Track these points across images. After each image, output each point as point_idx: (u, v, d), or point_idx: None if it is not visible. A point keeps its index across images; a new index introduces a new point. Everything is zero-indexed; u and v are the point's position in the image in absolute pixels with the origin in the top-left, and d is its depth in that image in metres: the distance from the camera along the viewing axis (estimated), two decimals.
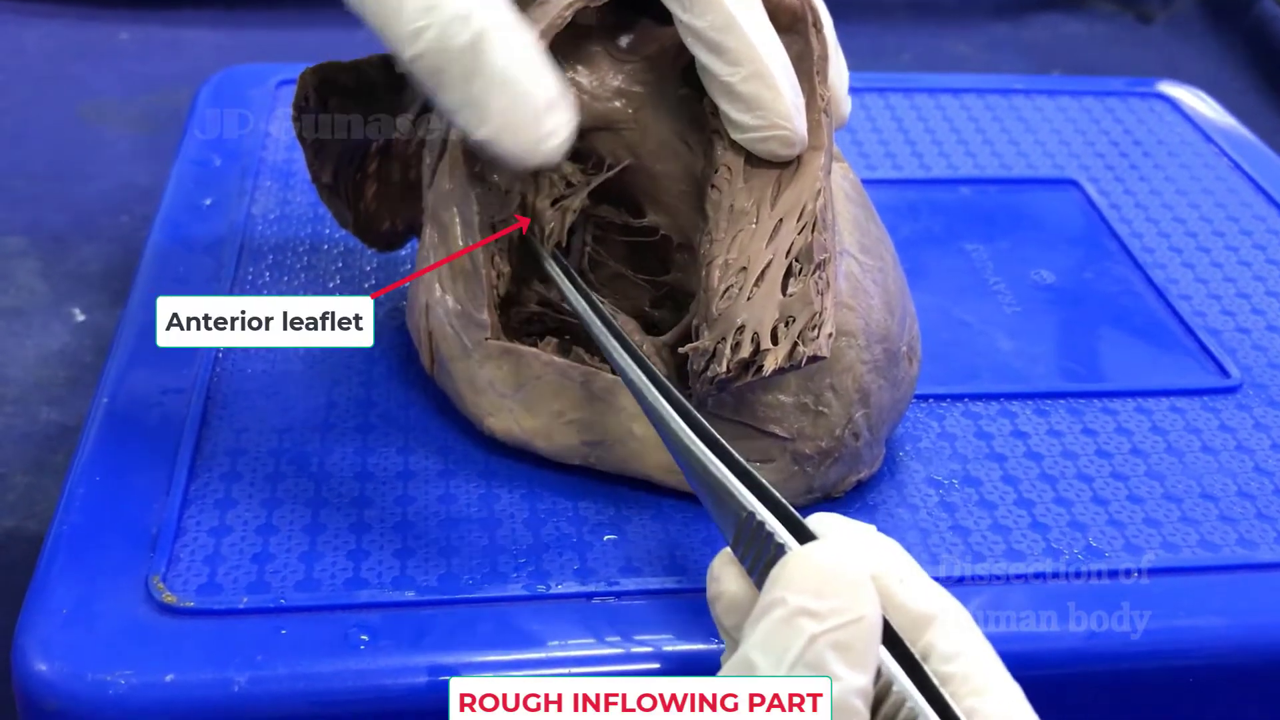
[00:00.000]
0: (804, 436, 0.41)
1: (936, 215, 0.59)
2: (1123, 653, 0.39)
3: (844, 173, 0.44)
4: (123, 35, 0.90)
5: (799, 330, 0.37)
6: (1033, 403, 0.48)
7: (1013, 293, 0.55)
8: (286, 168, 0.59)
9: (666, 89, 0.44)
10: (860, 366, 0.41)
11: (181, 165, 0.59)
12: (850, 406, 0.41)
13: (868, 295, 0.41)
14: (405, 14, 0.35)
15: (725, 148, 0.41)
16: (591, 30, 0.43)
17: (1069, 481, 0.44)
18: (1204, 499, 0.44)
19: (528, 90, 0.36)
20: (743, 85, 0.39)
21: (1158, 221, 0.60)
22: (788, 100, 0.39)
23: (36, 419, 0.57)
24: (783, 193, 0.40)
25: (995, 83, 0.71)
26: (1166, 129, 0.68)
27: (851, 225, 0.42)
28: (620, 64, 0.44)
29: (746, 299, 0.38)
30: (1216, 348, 0.51)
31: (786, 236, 0.39)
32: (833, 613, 0.28)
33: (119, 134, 0.79)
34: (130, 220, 0.70)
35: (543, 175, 0.44)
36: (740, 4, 0.39)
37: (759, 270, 0.39)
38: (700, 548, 0.40)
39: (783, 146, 0.40)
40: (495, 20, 0.35)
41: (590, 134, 0.44)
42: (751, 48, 0.38)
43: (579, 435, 0.42)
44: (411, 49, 0.35)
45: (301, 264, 0.53)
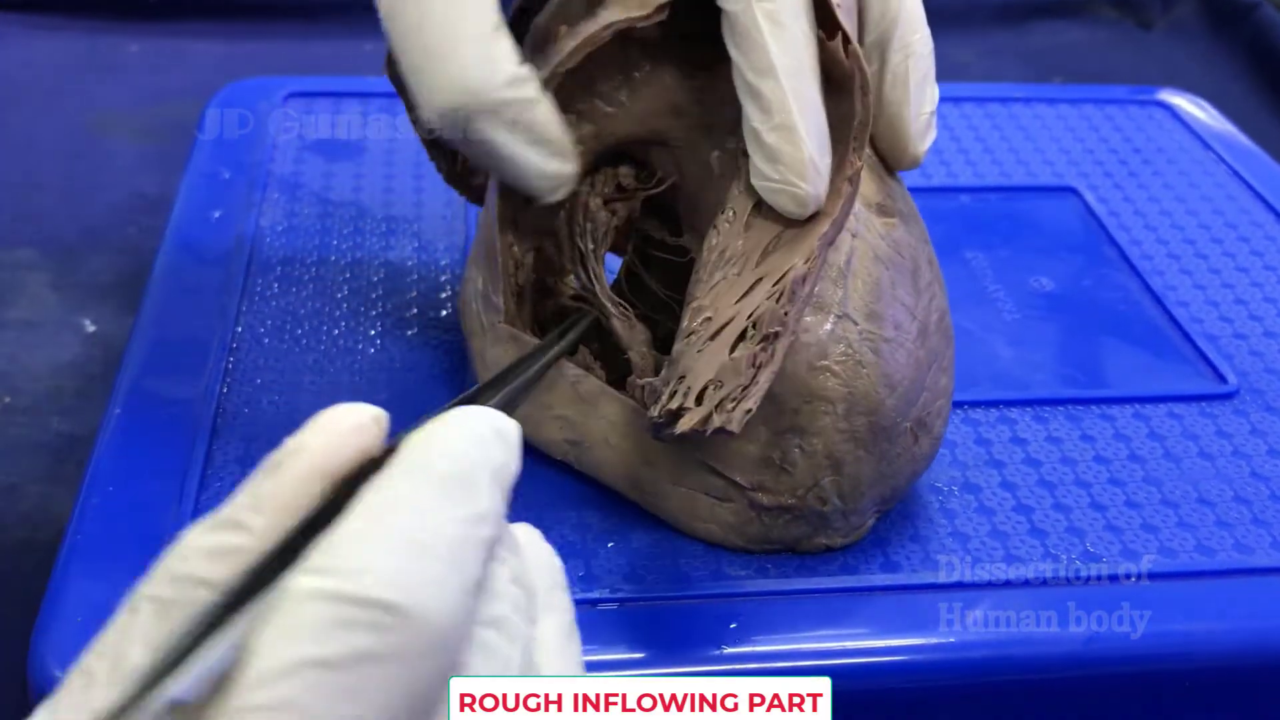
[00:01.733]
0: (764, 489, 0.40)
1: (937, 223, 0.59)
2: (1122, 656, 0.39)
3: (885, 231, 0.41)
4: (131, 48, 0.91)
5: (720, 398, 0.35)
6: (1031, 409, 0.48)
7: (1012, 300, 0.55)
8: (294, 180, 0.60)
9: (722, 113, 0.42)
10: (835, 434, 0.39)
11: (191, 178, 0.60)
12: (818, 471, 0.39)
13: (860, 365, 0.39)
14: (437, 89, 0.38)
15: (740, 190, 0.40)
16: (660, 41, 0.42)
17: (1067, 487, 0.45)
18: (1201, 504, 0.44)
19: (536, 159, 0.40)
20: (769, 134, 0.38)
21: (1156, 229, 0.60)
22: (809, 159, 0.37)
23: (48, 429, 0.58)
24: (776, 250, 0.38)
25: (995, 91, 0.72)
26: (1165, 137, 0.68)
27: (868, 289, 0.40)
28: (683, 79, 0.43)
29: (698, 350, 0.37)
30: (1214, 354, 0.52)
31: (757, 297, 0.37)
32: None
33: (127, 146, 0.80)
34: (139, 231, 0.71)
35: (598, 173, 0.45)
36: (788, 51, 0.37)
37: (720, 324, 0.37)
38: (703, 554, 0.41)
39: (793, 204, 0.38)
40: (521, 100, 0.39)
41: (648, 146, 0.44)
42: (785, 98, 0.37)
43: (562, 432, 0.43)
44: (438, 120, 0.39)
45: (310, 275, 0.54)
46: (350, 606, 0.23)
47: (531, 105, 0.39)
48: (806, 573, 0.41)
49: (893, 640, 0.39)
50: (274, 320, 0.51)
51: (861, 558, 0.41)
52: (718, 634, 0.38)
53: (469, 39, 0.38)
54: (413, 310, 0.52)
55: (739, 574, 0.40)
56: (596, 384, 0.42)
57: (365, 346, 0.50)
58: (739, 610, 0.39)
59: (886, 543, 0.42)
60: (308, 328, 0.51)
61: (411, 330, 0.51)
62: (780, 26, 0.37)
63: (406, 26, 0.39)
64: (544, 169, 0.41)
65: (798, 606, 0.40)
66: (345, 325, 0.51)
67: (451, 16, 0.38)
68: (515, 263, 0.45)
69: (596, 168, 0.45)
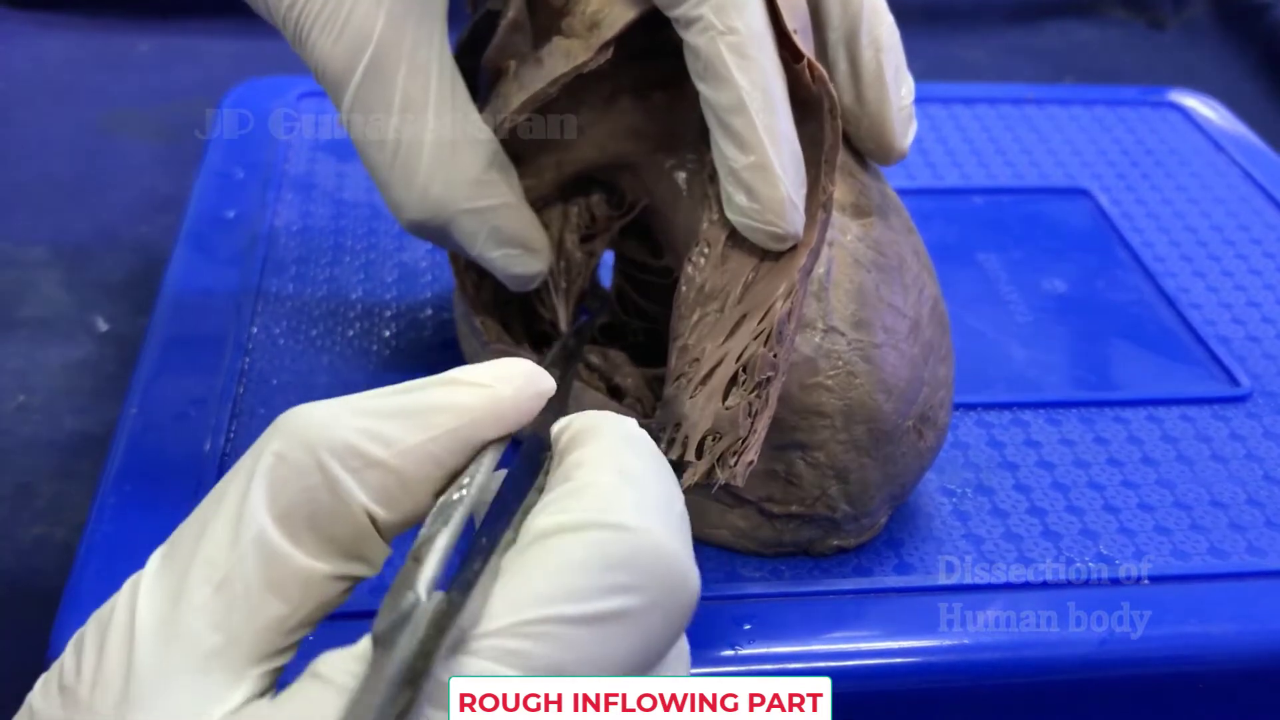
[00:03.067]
0: (773, 501, 0.39)
1: (950, 225, 0.60)
2: (1136, 659, 0.39)
3: (863, 233, 0.40)
4: (142, 46, 0.91)
5: (720, 451, 0.34)
6: (1045, 412, 0.48)
7: (1025, 302, 0.55)
8: (307, 179, 0.60)
9: (683, 131, 0.42)
10: (836, 446, 0.38)
11: (204, 177, 0.60)
12: (824, 481, 0.39)
13: (852, 376, 0.38)
14: (402, 206, 0.41)
15: (712, 221, 0.39)
16: (612, 69, 0.41)
17: (1081, 490, 0.45)
18: (1214, 507, 0.44)
19: (504, 261, 0.42)
20: (745, 173, 0.36)
21: (1169, 230, 0.60)
22: (786, 197, 0.36)
23: (61, 428, 0.58)
24: (757, 282, 0.37)
25: (1007, 92, 0.72)
26: (1178, 138, 0.68)
27: (851, 297, 0.38)
28: (641, 102, 0.42)
29: (690, 395, 0.36)
30: (1227, 356, 0.52)
31: (743, 338, 0.36)
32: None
33: (139, 144, 0.80)
34: (151, 230, 0.71)
35: (569, 204, 0.45)
36: (756, 85, 0.36)
37: (709, 367, 0.36)
38: (716, 556, 0.41)
39: (772, 240, 0.37)
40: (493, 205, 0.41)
41: (615, 170, 0.44)
42: (758, 136, 0.36)
43: None
44: (409, 229, 0.42)
45: (324, 276, 0.54)
46: (632, 544, 0.25)
47: (496, 212, 0.40)
48: (820, 575, 0.41)
49: (908, 642, 0.39)
50: (289, 320, 0.51)
51: (875, 559, 0.41)
52: (732, 636, 0.38)
53: (429, 149, 0.39)
54: (426, 311, 0.52)
55: (752, 575, 0.40)
56: (599, 398, 0.42)
57: (380, 348, 0.50)
58: (753, 612, 0.39)
59: (900, 544, 0.42)
60: (323, 328, 0.51)
61: (426, 331, 0.51)
62: (746, 59, 0.36)
63: (369, 143, 0.40)
64: (511, 270, 0.42)
65: (812, 608, 0.40)
66: (360, 326, 0.51)
67: (410, 127, 0.39)
68: (475, 285, 0.45)
69: (567, 197, 0.45)
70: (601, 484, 0.27)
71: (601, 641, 0.25)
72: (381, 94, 0.39)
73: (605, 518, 0.26)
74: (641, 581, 0.25)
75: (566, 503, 0.26)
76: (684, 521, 0.27)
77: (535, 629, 0.24)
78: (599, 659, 0.25)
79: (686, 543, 0.27)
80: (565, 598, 0.25)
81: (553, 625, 0.24)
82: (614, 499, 0.26)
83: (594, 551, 0.25)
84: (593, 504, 0.26)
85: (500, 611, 0.24)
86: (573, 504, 0.26)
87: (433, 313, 0.52)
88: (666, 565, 0.26)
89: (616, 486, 0.26)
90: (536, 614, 0.24)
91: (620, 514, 0.26)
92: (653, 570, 0.25)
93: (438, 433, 0.28)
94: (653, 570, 0.25)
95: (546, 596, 0.25)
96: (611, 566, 0.25)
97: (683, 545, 0.26)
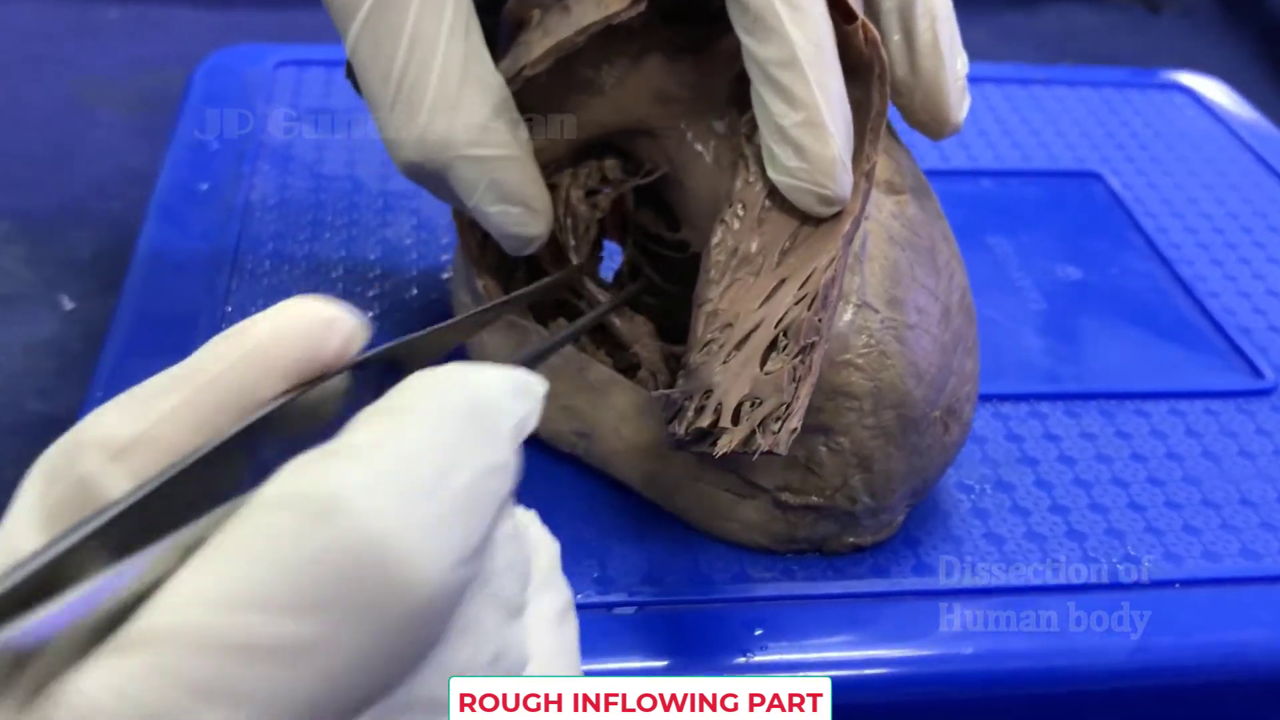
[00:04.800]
0: (791, 490, 0.37)
1: (958, 207, 0.57)
2: (1170, 666, 0.37)
3: (898, 210, 0.38)
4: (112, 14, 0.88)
5: (761, 417, 0.32)
6: (1063, 404, 0.46)
7: (1038, 289, 0.53)
8: (285, 152, 0.57)
9: (712, 97, 0.40)
10: (862, 431, 0.36)
11: (176, 149, 0.57)
12: (846, 470, 0.37)
13: (884, 356, 0.36)
14: (400, 144, 0.37)
15: (749, 180, 0.37)
16: (641, 28, 0.39)
17: (1104, 486, 0.43)
18: (1244, 505, 0.42)
19: (501, 219, 0.39)
20: (795, 130, 0.35)
21: (1183, 216, 0.58)
22: (837, 156, 0.35)
23: (24, 410, 0.55)
24: (795, 249, 0.36)
25: (1013, 73, 0.70)
26: (1187, 121, 0.66)
27: (885, 273, 0.37)
28: (668, 63, 0.40)
29: (723, 361, 0.34)
30: (1249, 348, 0.50)
31: (782, 302, 0.34)
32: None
33: (110, 115, 0.77)
34: (122, 204, 0.68)
35: (580, 166, 0.42)
36: (809, 39, 0.35)
37: (744, 332, 0.34)
38: (725, 555, 0.39)
39: (818, 203, 0.36)
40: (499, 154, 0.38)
41: (633, 136, 0.42)
42: (811, 92, 0.34)
43: (569, 423, 0.40)
44: (404, 171, 0.38)
45: (303, 252, 0.51)
46: (326, 537, 0.19)
47: (498, 163, 0.37)
48: (835, 575, 0.38)
49: (927, 649, 0.37)
50: (265, 299, 0.48)
51: (893, 559, 0.39)
52: (742, 641, 0.36)
53: (435, 86, 0.36)
54: (412, 291, 0.49)
55: (763, 576, 0.38)
56: (606, 372, 0.39)
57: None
58: (764, 615, 0.37)
59: (918, 543, 0.40)
60: None
61: (412, 311, 0.48)
62: (800, 11, 0.34)
63: (373, 76, 0.37)
64: (507, 229, 0.39)
65: (826, 612, 0.37)
66: None
67: (417, 61, 0.36)
68: (479, 245, 0.42)
69: (580, 160, 0.42)
70: (344, 449, 0.20)
71: (284, 664, 0.19)
72: (392, 23, 0.36)
73: (313, 493, 0.19)
74: (333, 592, 0.19)
75: (301, 467, 0.20)
76: (456, 503, 0.21)
77: (193, 641, 0.19)
78: (278, 687, 0.19)
79: (440, 531, 0.20)
80: (240, 603, 0.19)
81: (214, 643, 0.19)
82: (344, 469, 0.20)
83: (285, 542, 0.19)
84: (315, 475, 0.20)
85: (164, 605, 0.19)
86: (300, 471, 0.20)
87: (419, 292, 0.49)
88: (375, 567, 0.19)
89: (365, 455, 0.20)
90: (200, 620, 0.19)
91: (337, 489, 0.19)
92: (354, 574, 0.19)
93: (188, 392, 0.23)
94: (354, 574, 0.19)
95: (214, 597, 0.19)
96: (304, 563, 0.19)
97: (425, 535, 0.20)
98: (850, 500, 0.37)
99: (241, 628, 0.19)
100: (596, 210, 0.42)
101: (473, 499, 0.21)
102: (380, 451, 0.20)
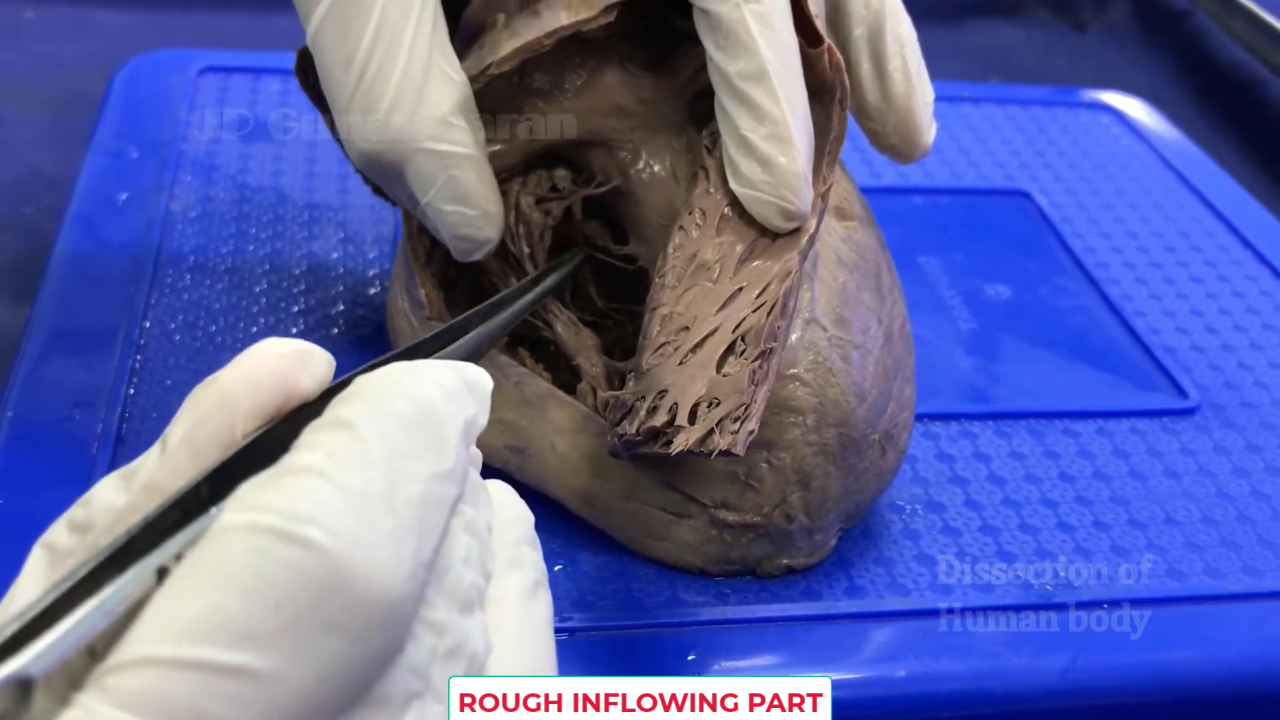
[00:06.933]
0: (727, 507, 0.37)
1: (890, 225, 0.56)
2: (1098, 688, 0.37)
3: (846, 234, 0.39)
4: (27, 14, 0.85)
5: (719, 417, 0.32)
6: (993, 423, 0.46)
7: (968, 308, 0.53)
8: (208, 161, 0.56)
9: (669, 113, 0.41)
10: (804, 447, 0.37)
11: (94, 156, 0.55)
12: (785, 487, 0.37)
13: (830, 373, 0.37)
14: (358, 132, 0.36)
15: (709, 189, 0.38)
16: (603, 42, 0.40)
17: (1034, 506, 0.43)
18: (1169, 525, 0.43)
19: (454, 220, 0.38)
20: (762, 143, 0.35)
21: (1110, 236, 0.59)
22: (802, 172, 0.35)
23: None
24: (752, 259, 0.36)
25: (941, 90, 0.70)
26: (1113, 140, 0.67)
27: (833, 294, 0.38)
28: (628, 78, 0.41)
29: (678, 363, 0.34)
30: (1173, 367, 0.50)
31: (740, 309, 0.35)
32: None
33: (23, 118, 0.74)
34: (36, 212, 0.65)
35: (531, 174, 0.42)
36: (779, 55, 0.35)
37: (701, 336, 0.35)
38: (657, 579, 0.38)
39: (779, 217, 0.36)
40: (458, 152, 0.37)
41: (586, 148, 0.42)
42: (780, 107, 0.35)
43: (503, 438, 0.39)
44: (359, 162, 0.37)
45: (225, 266, 0.50)
46: (287, 560, 0.20)
47: (457, 160, 0.37)
48: (768, 598, 0.38)
49: (860, 672, 0.37)
50: (186, 315, 0.47)
51: (825, 581, 0.39)
52: (675, 665, 0.36)
53: (400, 75, 0.36)
54: (339, 306, 0.48)
55: (696, 600, 0.38)
56: (544, 386, 0.39)
57: None
58: (697, 640, 0.36)
59: (850, 565, 0.40)
60: (223, 324, 0.47)
61: (337, 329, 0.47)
62: (771, 29, 0.35)
63: (335, 61, 0.36)
64: (460, 230, 0.38)
65: (759, 635, 0.37)
66: (265, 322, 0.47)
67: (383, 48, 0.35)
68: (426, 251, 0.41)
69: (530, 169, 0.42)
70: (297, 467, 0.21)
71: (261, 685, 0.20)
72: (359, 7, 0.35)
73: (271, 516, 0.20)
74: (298, 613, 0.20)
75: (258, 488, 0.21)
76: (410, 513, 0.22)
77: (167, 669, 0.19)
78: (253, 710, 0.20)
79: (395, 544, 0.21)
80: (210, 632, 0.19)
81: (188, 670, 0.19)
82: (300, 487, 0.21)
83: (249, 567, 0.20)
84: (272, 497, 0.21)
85: (139, 637, 0.20)
86: (257, 492, 0.21)
87: (345, 308, 0.48)
88: (338, 586, 0.20)
89: (318, 472, 0.21)
90: (170, 653, 0.19)
91: (293, 510, 0.20)
92: (317, 594, 0.20)
93: (173, 442, 0.24)
94: (317, 594, 0.20)
95: (181, 629, 0.19)
96: (269, 586, 0.20)
97: (382, 549, 0.21)
98: (786, 519, 0.37)
99: (210, 656, 0.19)
100: (549, 218, 0.41)
101: (424, 508, 0.22)
102: (332, 466, 0.21)
